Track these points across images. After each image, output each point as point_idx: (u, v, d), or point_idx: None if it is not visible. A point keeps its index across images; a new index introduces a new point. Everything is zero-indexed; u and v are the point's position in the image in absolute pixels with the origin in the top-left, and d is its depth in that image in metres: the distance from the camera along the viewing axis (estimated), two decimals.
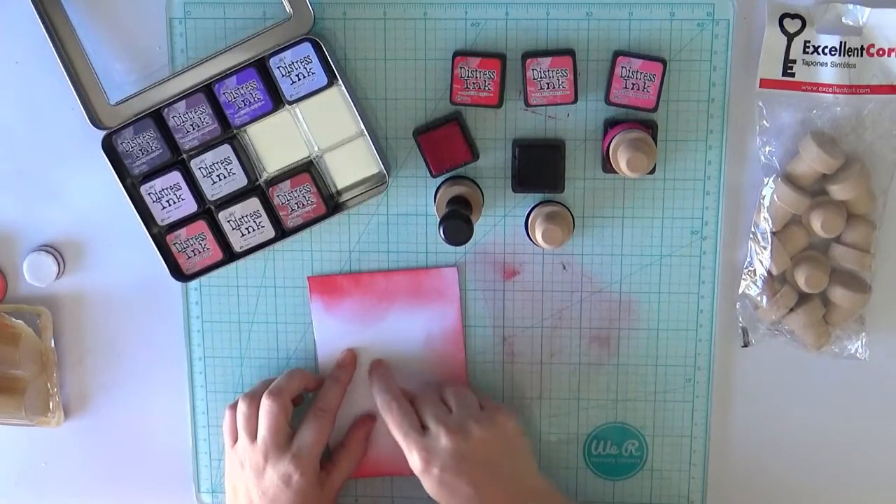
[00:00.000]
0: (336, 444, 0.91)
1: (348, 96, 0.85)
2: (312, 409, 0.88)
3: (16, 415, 0.91)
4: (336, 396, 0.89)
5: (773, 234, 0.87)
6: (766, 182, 0.86)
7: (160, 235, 0.88)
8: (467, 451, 0.82)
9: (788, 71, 0.85)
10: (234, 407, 0.89)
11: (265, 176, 0.88)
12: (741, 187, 0.88)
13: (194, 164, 0.86)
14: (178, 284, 0.91)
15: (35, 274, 0.91)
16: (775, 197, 0.86)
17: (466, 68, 0.84)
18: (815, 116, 0.85)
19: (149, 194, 0.87)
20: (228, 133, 0.86)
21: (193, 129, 0.86)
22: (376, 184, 0.88)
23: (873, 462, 0.92)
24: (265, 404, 0.86)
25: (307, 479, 0.85)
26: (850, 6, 0.83)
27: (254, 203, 0.87)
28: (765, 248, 0.86)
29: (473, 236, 0.83)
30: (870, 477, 0.92)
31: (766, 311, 0.88)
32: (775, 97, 0.85)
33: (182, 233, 0.87)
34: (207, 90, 0.85)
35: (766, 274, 0.87)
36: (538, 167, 0.86)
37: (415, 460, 0.83)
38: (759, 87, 0.85)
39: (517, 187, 0.87)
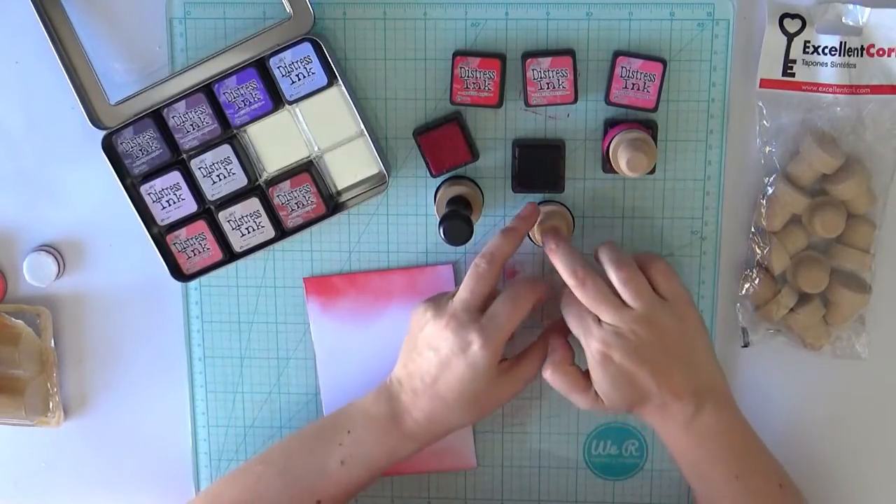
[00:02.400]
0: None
1: (348, 96, 0.85)
2: (514, 287, 0.83)
3: (16, 415, 0.91)
4: (541, 288, 0.84)
5: (773, 234, 0.87)
6: (766, 182, 0.86)
7: (160, 235, 0.88)
8: (651, 340, 0.79)
9: (788, 71, 0.85)
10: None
11: (265, 176, 0.88)
12: (741, 187, 0.88)
13: (194, 164, 0.86)
14: (178, 284, 0.91)
15: (35, 274, 0.91)
16: (775, 197, 0.86)
17: (466, 68, 0.84)
18: (815, 116, 0.85)
19: (149, 194, 0.87)
20: (228, 133, 0.86)
21: (193, 129, 0.86)
22: (376, 184, 0.88)
23: (873, 462, 0.92)
24: (476, 262, 0.82)
25: (486, 353, 0.80)
26: (850, 6, 0.83)
27: (254, 203, 0.87)
28: (765, 248, 0.86)
29: (473, 236, 0.83)
30: (870, 477, 0.92)
31: (766, 311, 0.88)
32: (775, 97, 0.85)
33: (182, 233, 0.87)
34: (207, 90, 0.85)
35: (766, 274, 0.87)
36: (538, 167, 0.86)
37: (593, 347, 0.79)
38: (759, 87, 0.85)
39: (517, 187, 0.87)
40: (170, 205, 0.87)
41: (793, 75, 0.85)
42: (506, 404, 0.90)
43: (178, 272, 0.88)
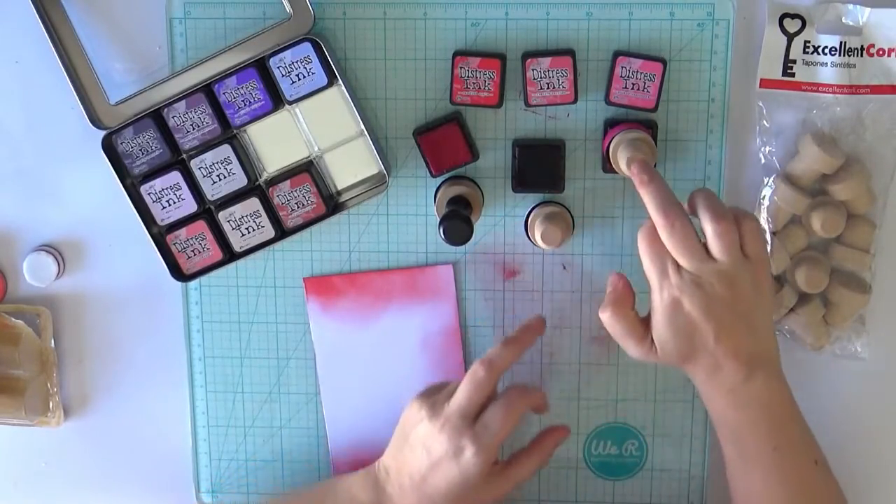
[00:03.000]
0: (519, 448, 0.87)
1: (348, 96, 0.85)
2: (509, 394, 0.83)
3: (16, 415, 0.91)
4: (537, 396, 0.85)
5: (773, 234, 0.87)
6: (766, 182, 0.86)
7: (160, 235, 0.88)
8: (725, 297, 0.77)
9: (788, 71, 0.85)
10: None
11: (265, 176, 0.88)
12: (741, 187, 0.88)
13: (194, 164, 0.86)
14: (178, 284, 0.91)
15: (35, 274, 0.91)
16: (775, 197, 0.86)
17: (466, 68, 0.84)
18: (815, 116, 0.85)
19: (149, 194, 0.87)
20: (228, 133, 0.86)
21: (193, 129, 0.86)
22: (376, 184, 0.88)
23: (873, 462, 0.92)
24: (475, 369, 0.82)
25: (478, 460, 0.80)
26: (850, 6, 0.83)
27: (254, 203, 0.87)
28: None
29: (473, 236, 0.83)
30: (869, 476, 0.92)
31: None
32: (775, 97, 0.85)
33: (182, 233, 0.87)
34: (207, 90, 0.85)
35: None
36: (538, 167, 0.86)
37: (666, 292, 0.77)
38: (759, 87, 0.85)
39: (517, 187, 0.87)
40: (170, 205, 0.87)
41: (793, 75, 0.85)
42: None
43: (178, 272, 0.88)
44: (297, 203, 0.87)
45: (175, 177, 0.86)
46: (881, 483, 0.93)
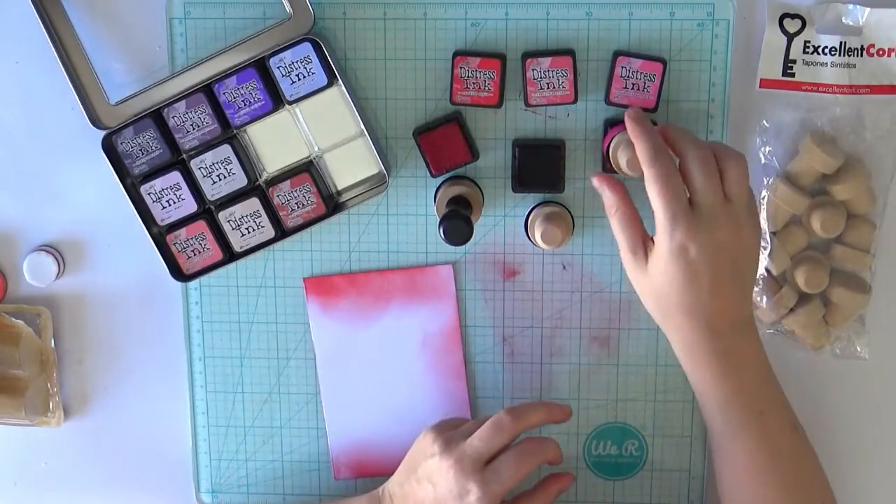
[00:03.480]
0: (522, 491, 0.86)
1: (348, 96, 0.85)
2: (526, 446, 0.82)
3: (16, 415, 0.91)
4: (553, 454, 0.83)
5: (773, 234, 0.87)
6: (766, 182, 0.86)
7: (160, 235, 0.88)
8: (729, 245, 0.77)
9: (788, 71, 0.85)
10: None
11: (265, 176, 0.88)
12: None
13: (194, 164, 0.86)
14: (178, 284, 0.91)
15: (35, 274, 0.91)
16: (775, 197, 0.86)
17: (466, 68, 0.84)
18: (815, 116, 0.85)
19: (149, 194, 0.87)
20: (228, 133, 0.86)
21: (193, 129, 0.86)
22: (376, 184, 0.88)
23: (873, 462, 0.92)
24: (501, 417, 0.82)
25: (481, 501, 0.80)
26: (850, 6, 0.83)
27: (254, 203, 0.87)
28: (765, 248, 0.86)
29: (473, 236, 0.83)
30: (869, 477, 0.92)
31: (766, 311, 0.88)
32: (775, 97, 0.85)
33: (182, 233, 0.87)
34: (207, 90, 0.85)
35: (766, 274, 0.87)
36: (538, 167, 0.86)
37: (677, 235, 0.76)
38: (759, 87, 0.85)
39: (517, 187, 0.87)
40: (170, 205, 0.87)
41: (793, 75, 0.85)
42: (506, 405, 0.90)
43: (178, 272, 0.88)
44: (297, 203, 0.87)
45: (175, 177, 0.86)
46: (881, 483, 0.93)
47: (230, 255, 0.88)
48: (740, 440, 0.80)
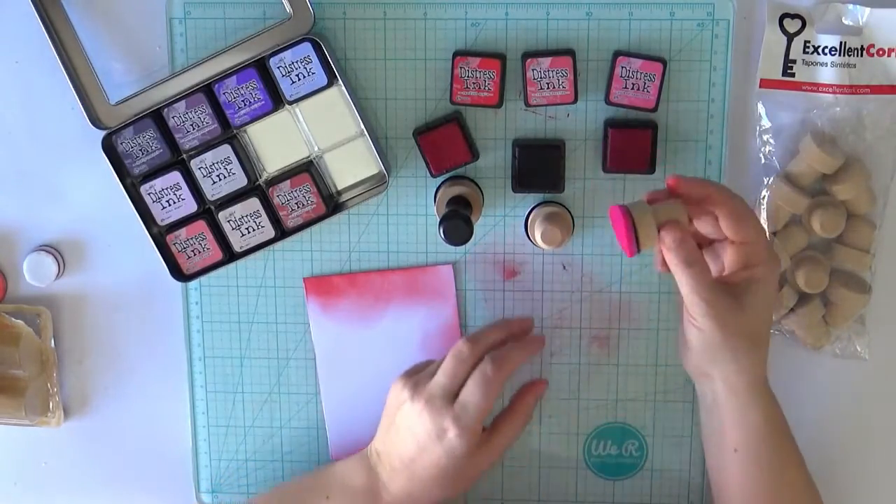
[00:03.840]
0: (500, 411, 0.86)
1: (348, 96, 0.85)
2: (484, 367, 0.82)
3: (16, 415, 0.91)
4: (515, 364, 0.83)
5: (773, 234, 0.87)
6: (766, 182, 0.86)
7: (160, 235, 0.88)
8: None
9: (788, 71, 0.85)
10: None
11: (265, 176, 0.88)
12: (741, 187, 0.88)
13: (194, 164, 0.86)
14: (178, 284, 0.91)
15: (35, 274, 0.91)
16: (775, 197, 0.86)
17: (466, 68, 0.84)
18: (815, 116, 0.85)
19: (149, 194, 0.87)
20: (228, 133, 0.86)
21: (193, 129, 0.86)
22: (376, 184, 0.88)
23: (873, 462, 0.92)
24: (458, 347, 0.82)
25: (462, 441, 0.80)
26: (850, 6, 0.83)
27: (254, 203, 0.87)
28: None
29: (473, 236, 0.83)
30: (870, 476, 0.92)
31: None
32: (775, 97, 0.85)
33: (182, 233, 0.87)
34: (207, 90, 0.85)
35: None
36: (538, 167, 0.86)
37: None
38: (759, 87, 0.85)
39: (517, 187, 0.87)
40: (170, 205, 0.87)
41: (793, 75, 0.85)
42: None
43: (178, 272, 0.88)
44: (297, 203, 0.87)
45: (175, 177, 0.86)
46: (881, 483, 0.93)
47: (230, 255, 0.88)
48: (770, 473, 0.81)
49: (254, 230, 0.87)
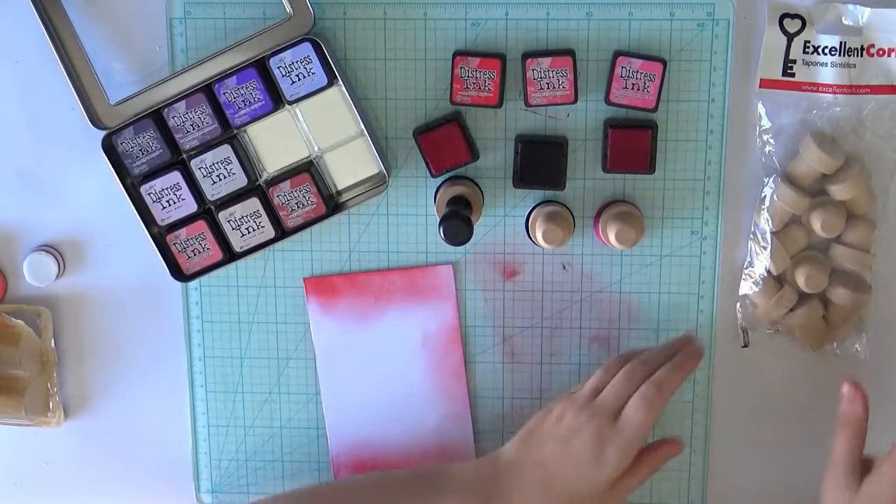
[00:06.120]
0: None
1: (348, 96, 0.85)
2: (646, 390, 0.82)
3: (16, 415, 0.91)
4: (675, 387, 0.83)
5: (773, 234, 0.87)
6: (766, 182, 0.86)
7: (160, 235, 0.88)
8: None
9: (788, 71, 0.85)
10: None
11: (265, 176, 0.88)
12: (741, 187, 0.88)
13: (194, 164, 0.86)
14: (178, 284, 0.91)
15: (35, 274, 0.91)
16: (775, 197, 0.86)
17: (466, 68, 0.84)
18: (815, 116, 0.85)
19: (149, 194, 0.87)
20: (228, 133, 0.87)
21: (193, 129, 0.86)
22: (376, 184, 0.88)
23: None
24: (633, 366, 0.83)
25: (617, 457, 0.81)
26: (850, 6, 0.83)
27: (254, 203, 0.87)
28: (765, 248, 0.87)
29: (473, 236, 0.83)
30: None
31: (766, 311, 0.88)
32: (775, 97, 0.85)
33: (182, 233, 0.87)
34: (207, 90, 0.85)
35: (766, 274, 0.87)
36: (540, 163, 0.86)
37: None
38: (759, 87, 0.85)
39: (518, 183, 0.87)
40: (170, 205, 0.87)
41: (793, 75, 0.85)
42: (506, 405, 0.90)
43: (178, 272, 0.88)
44: (297, 203, 0.87)
45: (175, 177, 0.86)
46: None
47: (230, 255, 0.88)
48: None
49: (254, 230, 0.87)
